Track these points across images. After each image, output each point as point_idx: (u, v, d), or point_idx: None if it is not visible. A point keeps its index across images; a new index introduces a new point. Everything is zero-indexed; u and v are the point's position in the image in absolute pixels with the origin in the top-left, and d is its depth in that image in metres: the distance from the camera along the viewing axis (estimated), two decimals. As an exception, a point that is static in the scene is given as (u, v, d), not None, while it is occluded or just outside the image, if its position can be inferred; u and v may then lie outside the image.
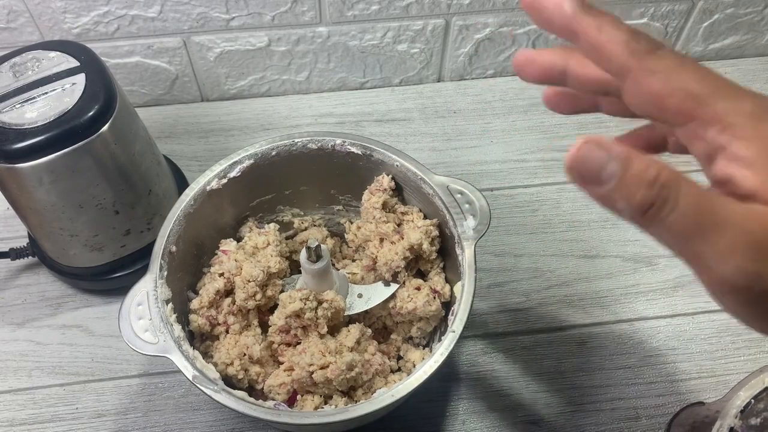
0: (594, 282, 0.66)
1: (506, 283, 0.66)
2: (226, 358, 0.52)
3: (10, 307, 0.64)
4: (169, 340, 0.47)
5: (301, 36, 0.76)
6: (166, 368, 0.60)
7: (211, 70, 0.78)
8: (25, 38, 0.72)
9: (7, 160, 0.52)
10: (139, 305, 0.49)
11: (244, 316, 0.55)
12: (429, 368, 0.46)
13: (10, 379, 0.60)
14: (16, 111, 0.52)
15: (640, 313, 0.64)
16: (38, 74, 0.54)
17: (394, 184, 0.57)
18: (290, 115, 0.80)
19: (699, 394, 0.59)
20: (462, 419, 0.58)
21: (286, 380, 0.52)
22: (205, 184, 0.55)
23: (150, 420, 0.58)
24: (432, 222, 0.55)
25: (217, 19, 0.73)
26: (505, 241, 0.69)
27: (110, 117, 0.54)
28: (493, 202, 0.71)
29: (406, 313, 0.55)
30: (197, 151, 0.76)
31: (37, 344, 0.62)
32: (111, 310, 0.64)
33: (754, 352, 0.62)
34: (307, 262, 0.52)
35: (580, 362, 0.61)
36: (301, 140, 0.57)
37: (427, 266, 0.57)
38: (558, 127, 0.78)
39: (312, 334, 0.53)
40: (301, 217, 0.64)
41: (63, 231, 0.58)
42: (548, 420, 0.58)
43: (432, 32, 0.78)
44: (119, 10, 0.70)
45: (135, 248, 0.62)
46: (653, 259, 0.67)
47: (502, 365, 0.61)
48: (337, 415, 0.45)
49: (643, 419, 0.58)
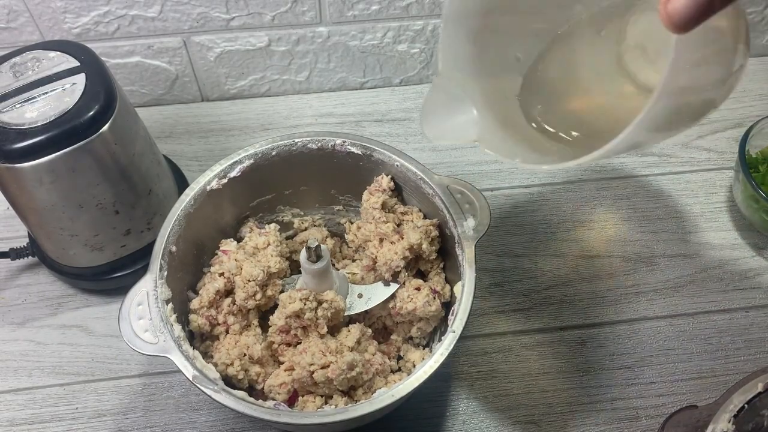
0: (594, 282, 0.66)
1: (506, 283, 0.66)
2: (226, 358, 0.52)
3: (10, 307, 0.64)
4: (169, 340, 0.47)
5: (301, 36, 0.76)
6: (166, 368, 0.60)
7: (211, 70, 0.78)
8: (25, 38, 0.72)
9: (7, 160, 0.52)
10: (139, 305, 0.49)
11: (244, 316, 0.55)
12: (429, 368, 0.46)
13: (10, 379, 0.60)
14: (17, 111, 0.52)
15: (640, 313, 0.64)
16: (38, 74, 0.54)
17: (393, 185, 0.57)
18: (290, 115, 0.80)
19: (699, 395, 0.59)
20: (462, 419, 0.58)
21: (286, 380, 0.52)
22: (205, 184, 0.55)
23: (150, 420, 0.58)
24: (432, 222, 0.55)
25: (217, 19, 0.73)
26: (505, 241, 0.69)
27: (110, 117, 0.54)
28: (493, 202, 0.71)
29: (406, 314, 0.55)
30: (197, 151, 0.76)
31: (37, 344, 0.62)
32: (111, 310, 0.64)
33: (754, 352, 0.62)
34: (307, 262, 0.52)
35: (580, 362, 0.61)
36: (301, 140, 0.57)
37: (427, 266, 0.57)
38: (558, 127, 0.78)
39: (312, 334, 0.53)
40: (301, 217, 0.64)
41: (63, 231, 0.58)
42: (548, 420, 0.58)
43: (432, 32, 0.78)
44: (119, 10, 0.70)
45: (135, 248, 0.62)
46: (653, 259, 0.67)
47: (502, 365, 0.61)
48: (337, 415, 0.45)
49: (643, 419, 0.58)
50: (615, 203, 0.72)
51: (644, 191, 0.72)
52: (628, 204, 0.72)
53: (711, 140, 0.76)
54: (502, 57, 0.47)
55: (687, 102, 0.38)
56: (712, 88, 0.39)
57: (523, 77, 0.48)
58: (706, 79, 0.38)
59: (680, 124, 0.40)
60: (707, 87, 0.39)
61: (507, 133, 0.46)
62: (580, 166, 0.35)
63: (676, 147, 0.76)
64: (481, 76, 0.47)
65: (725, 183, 0.73)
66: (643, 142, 0.41)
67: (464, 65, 0.46)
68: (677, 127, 0.40)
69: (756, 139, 0.68)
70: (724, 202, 0.72)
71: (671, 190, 0.73)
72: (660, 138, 0.42)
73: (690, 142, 0.76)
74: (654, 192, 0.72)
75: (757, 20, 0.81)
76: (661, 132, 0.39)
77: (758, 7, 0.80)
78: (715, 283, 0.66)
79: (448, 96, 0.46)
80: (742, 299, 0.65)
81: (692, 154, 0.75)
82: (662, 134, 0.41)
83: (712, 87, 0.39)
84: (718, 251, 0.68)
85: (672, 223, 0.70)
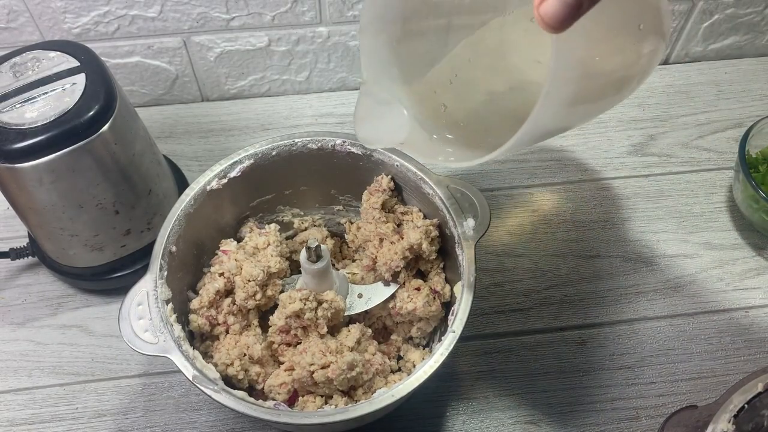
0: (594, 282, 0.66)
1: (506, 283, 0.66)
2: (226, 358, 0.52)
3: (10, 307, 0.64)
4: (169, 340, 0.47)
5: (301, 36, 0.76)
6: (166, 368, 0.60)
7: (211, 70, 0.78)
8: (25, 38, 0.72)
9: (7, 160, 0.52)
10: (139, 305, 0.49)
11: (244, 316, 0.55)
12: (429, 368, 0.46)
13: (10, 379, 0.60)
14: (16, 111, 0.52)
15: (640, 313, 0.64)
16: (38, 74, 0.54)
17: (393, 185, 0.57)
18: (290, 115, 0.80)
19: (699, 395, 0.59)
20: (462, 419, 0.58)
21: (286, 380, 0.52)
22: (205, 184, 0.55)
23: (150, 420, 0.58)
24: (432, 222, 0.55)
25: (217, 19, 0.73)
26: (505, 241, 0.69)
27: (110, 117, 0.54)
28: (493, 202, 0.71)
29: (406, 314, 0.55)
30: (197, 151, 0.76)
31: (37, 344, 0.62)
32: (111, 310, 0.64)
33: (754, 352, 0.62)
34: (307, 262, 0.52)
35: (580, 362, 0.61)
36: (301, 140, 0.57)
37: (427, 266, 0.57)
38: (558, 127, 0.78)
39: (312, 334, 0.53)
40: (301, 217, 0.64)
41: (63, 231, 0.58)
42: (548, 420, 0.58)
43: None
44: (119, 10, 0.70)
45: (135, 248, 0.62)
46: (653, 259, 0.67)
47: (502, 365, 0.61)
48: (337, 415, 0.45)
49: (643, 419, 0.58)
50: (615, 203, 0.72)
51: (644, 191, 0.73)
52: (628, 204, 0.72)
53: (711, 140, 0.76)
54: (425, 59, 0.48)
55: (591, 85, 0.39)
56: (622, 69, 0.41)
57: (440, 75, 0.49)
58: (608, 64, 0.40)
59: (596, 102, 0.42)
60: (614, 71, 0.40)
61: (436, 131, 0.47)
62: (505, 154, 0.37)
63: (676, 147, 0.76)
64: (407, 78, 0.47)
65: (725, 183, 0.73)
66: (559, 124, 0.42)
67: (389, 70, 0.47)
68: (594, 103, 0.42)
69: (756, 139, 0.68)
70: (724, 202, 0.72)
71: (671, 190, 0.73)
72: (581, 115, 0.43)
73: (690, 142, 0.76)
74: (654, 192, 0.72)
75: (757, 20, 0.81)
76: (576, 109, 0.40)
77: (758, 7, 0.80)
78: (715, 283, 0.66)
79: (376, 101, 0.47)
80: (742, 299, 0.65)
81: (692, 154, 0.75)
82: (578, 112, 0.42)
83: (621, 69, 0.41)
84: (718, 251, 0.68)
85: (672, 223, 0.70)
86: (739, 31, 0.82)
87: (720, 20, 0.80)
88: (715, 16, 0.80)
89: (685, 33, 0.82)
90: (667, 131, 0.77)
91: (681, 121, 0.78)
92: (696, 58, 0.85)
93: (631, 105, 0.80)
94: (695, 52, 0.84)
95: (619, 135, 0.77)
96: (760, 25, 0.82)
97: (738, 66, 0.84)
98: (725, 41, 0.84)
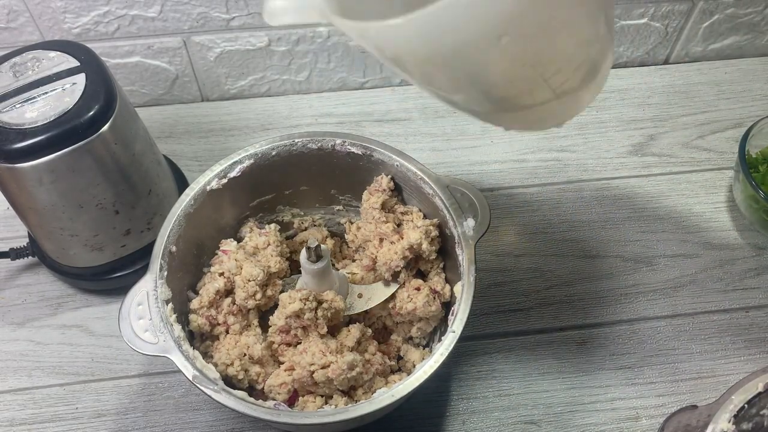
0: (594, 282, 0.66)
1: (506, 283, 0.66)
2: (226, 358, 0.52)
3: (10, 307, 0.64)
4: (169, 340, 0.47)
5: (301, 36, 0.76)
6: (166, 368, 0.60)
7: (211, 70, 0.78)
8: (25, 38, 0.72)
9: (7, 160, 0.52)
10: (139, 305, 0.49)
11: (244, 316, 0.55)
12: (429, 368, 0.46)
13: (10, 379, 0.60)
14: (16, 111, 0.52)
15: (640, 313, 0.64)
16: (38, 74, 0.54)
17: (393, 185, 0.57)
18: (290, 115, 0.80)
19: (699, 395, 0.59)
20: (462, 419, 0.58)
21: (286, 380, 0.52)
22: (205, 184, 0.55)
23: (150, 420, 0.58)
24: (432, 222, 0.55)
25: (217, 19, 0.73)
26: (505, 241, 0.69)
27: (110, 117, 0.54)
28: (493, 202, 0.71)
29: (406, 314, 0.55)
30: (197, 151, 0.76)
31: (37, 344, 0.62)
32: (111, 310, 0.64)
33: (754, 352, 0.62)
34: (307, 262, 0.52)
35: (580, 362, 0.61)
36: (301, 140, 0.57)
37: (427, 266, 0.57)
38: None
39: (312, 334, 0.53)
40: (301, 217, 0.64)
41: (63, 231, 0.58)
42: (548, 420, 0.58)
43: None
44: (119, 10, 0.70)
45: (135, 248, 0.62)
46: (653, 259, 0.67)
47: (502, 365, 0.61)
48: (337, 415, 0.45)
49: (643, 419, 0.58)
50: (615, 203, 0.72)
51: (644, 191, 0.73)
52: (628, 204, 0.72)
53: (711, 140, 0.76)
54: None
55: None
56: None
57: None
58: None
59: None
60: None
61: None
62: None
63: (676, 147, 0.76)
64: None
65: (725, 183, 0.73)
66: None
67: None
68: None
69: (756, 139, 0.68)
70: (724, 202, 0.72)
71: (671, 190, 0.73)
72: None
73: (690, 142, 0.76)
74: (654, 192, 0.72)
75: (757, 20, 0.81)
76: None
77: (758, 7, 0.80)
78: (715, 283, 0.66)
79: None
80: (742, 299, 0.65)
81: (692, 154, 0.75)
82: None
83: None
84: (718, 251, 0.68)
85: (672, 223, 0.70)
86: (739, 31, 0.82)
87: (720, 20, 0.80)
88: (715, 16, 0.80)
89: (685, 33, 0.82)
90: (667, 131, 0.77)
91: (681, 121, 0.78)
92: (696, 58, 0.85)
93: (631, 105, 0.80)
94: (695, 52, 0.85)
95: (619, 135, 0.77)
96: (760, 25, 0.82)
97: (738, 66, 0.84)
98: (725, 41, 0.84)
